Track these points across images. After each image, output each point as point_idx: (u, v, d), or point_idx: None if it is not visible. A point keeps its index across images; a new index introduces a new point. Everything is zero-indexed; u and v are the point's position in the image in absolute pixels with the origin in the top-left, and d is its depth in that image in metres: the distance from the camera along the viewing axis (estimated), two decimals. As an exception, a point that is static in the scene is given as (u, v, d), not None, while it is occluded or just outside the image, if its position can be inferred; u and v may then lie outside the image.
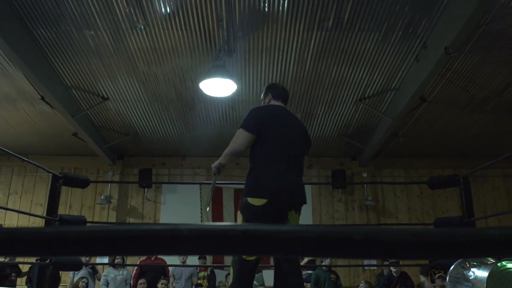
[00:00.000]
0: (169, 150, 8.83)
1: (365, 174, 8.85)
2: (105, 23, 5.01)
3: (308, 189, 8.96)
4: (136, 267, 7.19)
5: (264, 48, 5.45)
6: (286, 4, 4.70)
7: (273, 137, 2.67)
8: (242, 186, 8.94)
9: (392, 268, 6.12)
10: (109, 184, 8.83)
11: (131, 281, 7.12)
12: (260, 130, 2.68)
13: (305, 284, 7.11)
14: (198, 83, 5.52)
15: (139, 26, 5.05)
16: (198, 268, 7.71)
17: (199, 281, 7.51)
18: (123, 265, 7.33)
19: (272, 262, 8.49)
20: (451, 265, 2.97)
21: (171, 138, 8.28)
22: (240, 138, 2.70)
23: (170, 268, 7.52)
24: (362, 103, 6.79)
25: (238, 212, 2.66)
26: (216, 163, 2.79)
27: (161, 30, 5.13)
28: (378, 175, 9.11)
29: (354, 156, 9.03)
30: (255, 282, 7.38)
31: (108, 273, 7.16)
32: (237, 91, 6.18)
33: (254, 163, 2.65)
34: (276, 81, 6.23)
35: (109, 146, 8.36)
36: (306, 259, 7.28)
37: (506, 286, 2.45)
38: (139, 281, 6.72)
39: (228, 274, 7.92)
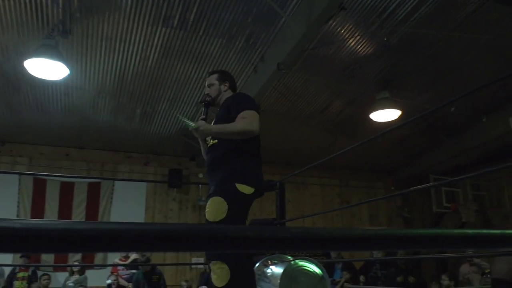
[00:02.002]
0: (-16, 134, 7.70)
1: (201, 175, 9.05)
2: None
3: (143, 186, 8.85)
4: None
5: (105, 35, 5.16)
6: (131, -6, 4.54)
7: None
8: (70, 180, 8.11)
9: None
10: None
11: None
12: None
13: (128, 284, 6.93)
14: (24, 62, 4.95)
15: (-48, -16, 4.31)
16: (18, 268, 6.91)
17: (17, 282, 6.71)
18: None
19: (96, 262, 8.03)
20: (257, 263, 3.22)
21: (-13, 120, 7.23)
22: (256, 120, 2.47)
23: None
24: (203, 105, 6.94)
25: (215, 199, 2.37)
26: (209, 127, 2.47)
27: (-19, -5, 4.45)
28: (214, 177, 9.41)
29: (193, 157, 9.16)
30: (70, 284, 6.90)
31: None
32: (71, 76, 5.74)
33: (242, 149, 2.47)
34: (117, 72, 5.97)
35: None
36: (131, 258, 7.10)
37: (295, 281, 2.75)
38: None
39: (44, 274, 7.25)
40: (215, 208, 2.35)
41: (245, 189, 2.39)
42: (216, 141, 2.59)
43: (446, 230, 0.63)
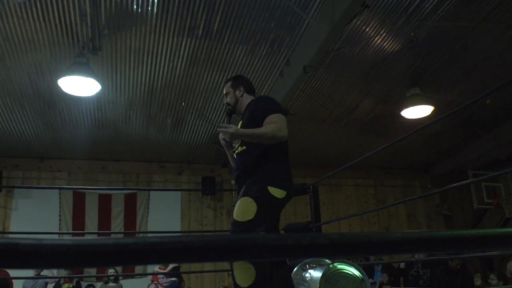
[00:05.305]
0: (24, 151, 8.02)
1: (233, 181, 9.10)
2: None
3: (177, 195, 8.98)
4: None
5: (133, 49, 5.30)
6: (156, 7, 4.64)
7: None
8: (107, 192, 8.31)
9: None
10: None
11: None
12: None
13: (168, 291, 7.03)
14: (58, 80, 5.14)
15: (-12, 11, 4.53)
16: (63, 279, 7.16)
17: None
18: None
19: (136, 270, 8.20)
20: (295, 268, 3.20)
21: (27, 138, 7.53)
22: (285, 124, 2.42)
23: (22, 280, 6.85)
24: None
25: (244, 199, 2.33)
26: (239, 130, 2.40)
27: (15, 19, 4.66)
28: (246, 183, 9.44)
29: (224, 164, 9.23)
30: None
31: None
32: (103, 91, 5.91)
33: (272, 154, 2.45)
34: (146, 84, 6.10)
35: None
36: (170, 266, 7.20)
37: (335, 285, 2.72)
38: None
39: (88, 285, 7.48)
40: (243, 208, 2.30)
41: (276, 192, 2.35)
42: (244, 147, 2.55)
43: (485, 230, 0.61)
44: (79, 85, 5.02)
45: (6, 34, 4.88)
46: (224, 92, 2.79)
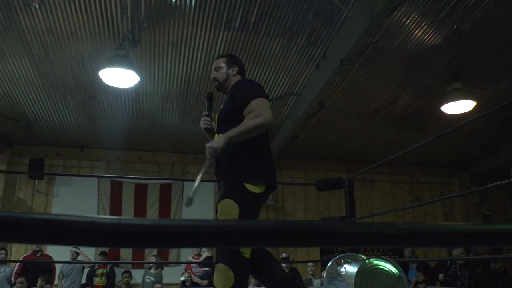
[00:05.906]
0: (66, 140, 8.31)
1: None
2: (-6, -3, 4.58)
3: (211, 186, 9.09)
4: (18, 263, 6.66)
5: (171, 42, 5.37)
6: (194, 0, 4.68)
7: None
8: (143, 181, 8.43)
9: (282, 264, 6.40)
10: (-6, 173, 8.07)
11: (13, 278, 6.58)
12: None
13: (201, 281, 7.15)
14: (99, 72, 5.28)
15: (34, 4, 4.69)
16: (97, 265, 7.40)
17: (97, 278, 7.20)
18: (5, 261, 6.76)
19: (170, 259, 8.35)
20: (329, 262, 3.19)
21: (68, 128, 7.80)
22: (266, 108, 2.30)
23: (60, 264, 7.12)
24: (266, 105, 6.99)
25: (225, 202, 2.27)
26: (219, 141, 2.28)
27: (59, 12, 4.81)
28: (279, 176, 9.42)
29: (258, 156, 9.26)
30: (152, 279, 7.25)
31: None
32: (141, 83, 6.03)
33: (250, 144, 2.33)
34: (183, 77, 6.18)
35: (-5, 132, 7.64)
36: (203, 256, 7.32)
37: (371, 280, 2.69)
38: (18, 280, 6.22)
39: (125, 272, 7.70)
40: (225, 212, 2.25)
41: (254, 188, 2.28)
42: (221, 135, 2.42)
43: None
44: (119, 77, 5.14)
45: (50, 27, 5.05)
46: (214, 67, 2.61)
